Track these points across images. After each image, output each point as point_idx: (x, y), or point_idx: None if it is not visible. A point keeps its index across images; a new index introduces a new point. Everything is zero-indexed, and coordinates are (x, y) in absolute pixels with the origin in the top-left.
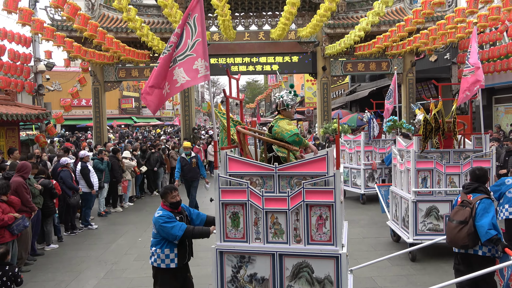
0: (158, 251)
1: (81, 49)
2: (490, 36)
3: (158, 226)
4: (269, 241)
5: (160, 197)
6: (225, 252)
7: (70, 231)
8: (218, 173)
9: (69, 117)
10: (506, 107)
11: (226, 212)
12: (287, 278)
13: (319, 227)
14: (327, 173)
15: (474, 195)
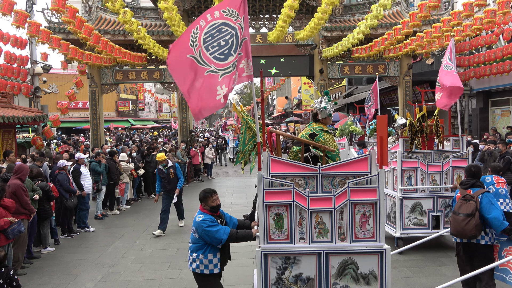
0: (201, 256)
1: (78, 52)
2: (486, 39)
3: (201, 231)
4: (314, 240)
5: (200, 200)
6: (270, 254)
7: (66, 234)
8: (262, 175)
9: (66, 120)
10: (502, 110)
11: (269, 213)
12: (333, 276)
13: (362, 224)
14: (370, 172)
15: (473, 189)
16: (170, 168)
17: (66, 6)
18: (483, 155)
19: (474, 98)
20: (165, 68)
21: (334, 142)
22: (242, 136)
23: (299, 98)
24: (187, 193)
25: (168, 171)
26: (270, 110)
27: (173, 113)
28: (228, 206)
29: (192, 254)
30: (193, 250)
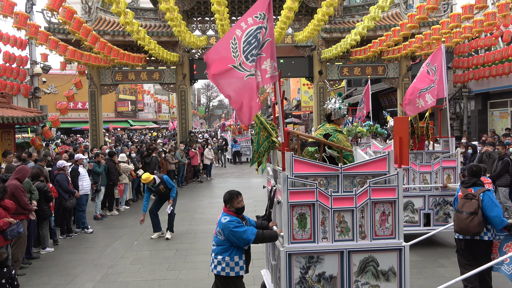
0: (227, 258)
1: (76, 53)
2: (485, 41)
3: (228, 232)
4: (336, 239)
5: (224, 202)
6: (294, 253)
7: (65, 235)
8: (286, 175)
9: (65, 120)
10: (501, 112)
11: (293, 213)
12: (354, 273)
13: (382, 222)
14: (388, 172)
15: (474, 188)
16: (160, 185)
17: (64, 6)
18: (482, 157)
19: (473, 100)
20: (164, 69)
21: (347, 143)
22: (256, 137)
23: (298, 99)
24: (186, 194)
25: (158, 188)
26: (269, 111)
27: (172, 114)
28: None
29: (216, 256)
30: (218, 252)
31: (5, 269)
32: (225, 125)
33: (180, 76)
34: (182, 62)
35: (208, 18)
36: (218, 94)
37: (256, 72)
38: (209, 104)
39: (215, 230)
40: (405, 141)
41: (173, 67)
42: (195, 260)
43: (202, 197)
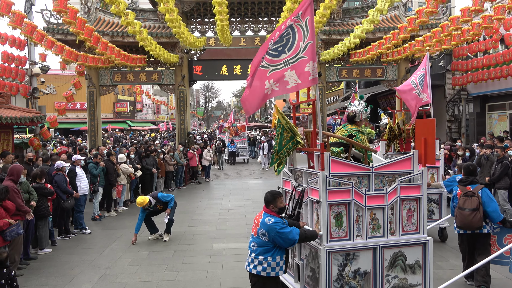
0: (269, 259)
1: (73, 53)
2: (486, 44)
3: (274, 233)
4: (369, 236)
5: (267, 202)
6: (332, 252)
7: (63, 235)
8: (325, 175)
9: (63, 121)
10: (499, 115)
11: (330, 212)
12: (386, 268)
13: (408, 218)
14: (413, 171)
15: (472, 186)
16: (157, 204)
17: (68, 7)
18: (480, 159)
19: (472, 103)
20: (163, 70)
21: (367, 143)
22: (278, 138)
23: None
24: (185, 195)
25: (156, 207)
26: (268, 113)
27: (171, 115)
28: (225, 208)
29: (257, 257)
30: (260, 253)
31: (5, 269)
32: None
33: (179, 77)
34: (181, 63)
35: (207, 20)
36: (216, 95)
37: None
38: (207, 105)
39: (255, 231)
40: (430, 141)
41: (172, 68)
42: (193, 261)
43: (201, 199)
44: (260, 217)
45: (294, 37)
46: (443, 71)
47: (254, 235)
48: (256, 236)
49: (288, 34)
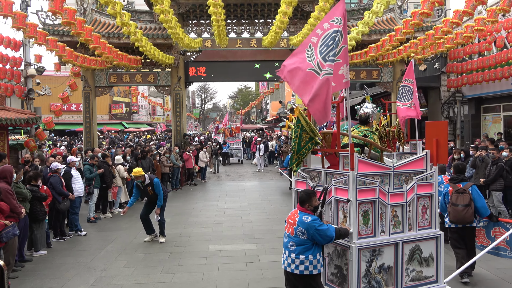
0: (310, 257)
1: (73, 54)
2: (480, 46)
3: (313, 231)
4: (391, 232)
5: (302, 202)
6: (361, 248)
7: (59, 237)
8: (355, 175)
9: (58, 122)
10: (494, 117)
11: (358, 210)
12: (405, 262)
13: (423, 214)
14: (426, 170)
15: (462, 183)
16: (148, 186)
17: (64, 8)
18: (475, 161)
19: (466, 105)
20: (159, 71)
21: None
22: (297, 139)
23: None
24: (180, 197)
25: (146, 189)
26: (264, 114)
27: (166, 116)
28: (221, 210)
29: (298, 256)
30: (300, 252)
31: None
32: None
33: (175, 79)
34: (177, 64)
35: (203, 21)
36: (213, 96)
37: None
38: (203, 107)
39: (292, 230)
40: (442, 142)
41: (168, 69)
42: (189, 263)
43: (197, 200)
44: (296, 216)
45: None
46: (438, 73)
47: (291, 235)
48: (293, 235)
49: (337, 38)
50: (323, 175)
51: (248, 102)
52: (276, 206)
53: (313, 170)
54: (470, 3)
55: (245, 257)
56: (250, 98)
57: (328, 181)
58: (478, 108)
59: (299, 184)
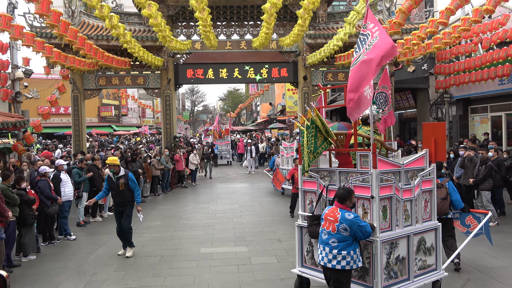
0: (351, 252)
1: (61, 55)
2: (466, 47)
3: (356, 227)
4: (404, 225)
5: (342, 199)
6: (383, 242)
7: (48, 242)
8: (378, 172)
9: (47, 125)
10: (481, 117)
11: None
12: (414, 252)
13: (424, 208)
14: (426, 167)
15: (440, 179)
16: (121, 178)
17: (50, 10)
18: (464, 161)
19: (454, 105)
20: (148, 73)
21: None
22: (312, 139)
23: (283, 105)
24: (171, 199)
25: (118, 181)
26: (254, 116)
27: (156, 119)
28: (212, 212)
29: (340, 252)
30: (342, 248)
31: None
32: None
33: (165, 81)
34: (167, 67)
35: (193, 23)
36: (202, 99)
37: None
38: (193, 109)
39: (333, 227)
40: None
41: (158, 72)
42: (180, 266)
43: (187, 203)
44: (337, 213)
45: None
46: (426, 74)
47: (332, 232)
48: (335, 232)
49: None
50: (337, 174)
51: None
52: (267, 208)
53: (323, 170)
54: (454, 2)
55: (236, 260)
56: (240, 100)
57: (341, 179)
58: (466, 109)
59: (306, 184)
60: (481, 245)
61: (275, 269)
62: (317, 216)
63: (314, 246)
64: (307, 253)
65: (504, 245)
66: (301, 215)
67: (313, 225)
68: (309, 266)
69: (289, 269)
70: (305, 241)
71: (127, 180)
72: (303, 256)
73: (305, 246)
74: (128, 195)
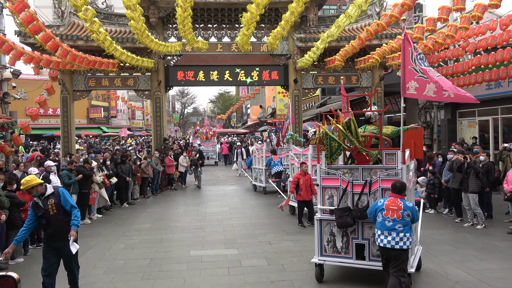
0: (408, 235)
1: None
2: (453, 52)
3: (416, 213)
4: None
5: (400, 190)
6: None
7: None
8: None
9: (35, 126)
10: (469, 121)
11: None
12: None
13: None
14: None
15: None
16: (50, 198)
17: (28, 10)
18: (452, 165)
19: (443, 109)
20: (139, 75)
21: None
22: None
23: (273, 107)
24: (161, 202)
25: (46, 205)
26: (244, 119)
27: (146, 121)
28: (203, 215)
29: (405, 235)
30: (405, 231)
31: None
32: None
33: (155, 83)
34: (157, 68)
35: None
36: (193, 101)
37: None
38: (183, 111)
39: (398, 214)
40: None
41: (148, 73)
42: (170, 269)
43: (177, 205)
44: (398, 202)
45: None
46: None
47: (397, 218)
48: (400, 218)
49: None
50: (360, 170)
51: (228, 106)
52: (257, 210)
53: (343, 168)
54: (444, 11)
55: (226, 262)
56: (231, 102)
57: (365, 175)
58: (454, 113)
59: (325, 181)
60: (469, 248)
61: (266, 272)
62: (347, 208)
63: (337, 236)
64: (328, 242)
65: (492, 247)
66: (320, 209)
67: (343, 216)
68: (330, 254)
69: (280, 271)
70: (325, 232)
71: (59, 199)
72: (322, 246)
73: (326, 236)
74: (64, 221)
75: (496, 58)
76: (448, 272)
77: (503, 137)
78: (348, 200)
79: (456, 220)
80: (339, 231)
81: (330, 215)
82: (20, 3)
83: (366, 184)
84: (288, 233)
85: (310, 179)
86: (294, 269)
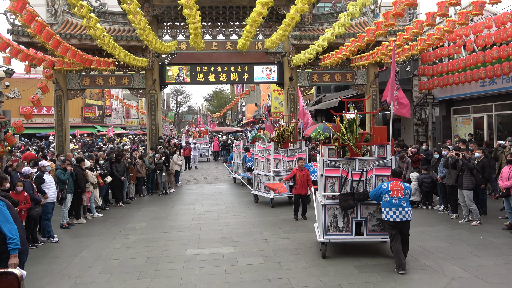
0: (410, 208)
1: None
2: (449, 50)
3: (410, 191)
4: None
5: (399, 174)
6: None
7: (31, 244)
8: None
9: (29, 126)
10: (464, 118)
11: None
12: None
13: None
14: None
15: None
16: None
17: (27, 9)
18: (447, 161)
19: (438, 107)
20: (133, 74)
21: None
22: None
23: (268, 105)
24: (156, 201)
25: None
26: (239, 117)
27: (141, 120)
28: (198, 213)
29: (409, 209)
30: (408, 205)
31: None
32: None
33: (150, 81)
34: (152, 67)
35: (178, 23)
36: (187, 99)
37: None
38: (178, 110)
39: (401, 193)
40: (383, 138)
41: (143, 72)
42: (167, 268)
43: (173, 204)
44: (400, 184)
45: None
46: (410, 75)
47: (401, 196)
48: (404, 196)
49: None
50: (356, 162)
51: (223, 104)
52: (253, 208)
53: (342, 160)
54: (443, 6)
55: (223, 261)
56: (226, 100)
57: (359, 165)
58: (449, 110)
59: (327, 171)
60: (464, 244)
61: (263, 270)
62: (349, 193)
63: (338, 217)
64: (331, 223)
65: (487, 244)
66: (323, 195)
67: (347, 200)
68: (332, 233)
69: (276, 269)
70: (329, 215)
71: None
72: (326, 227)
73: (329, 219)
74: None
75: (492, 56)
76: (444, 268)
77: (497, 134)
78: (347, 187)
79: (452, 217)
80: (340, 213)
81: (332, 200)
82: (19, 2)
83: (362, 172)
84: (285, 231)
85: (307, 174)
86: (290, 267)
